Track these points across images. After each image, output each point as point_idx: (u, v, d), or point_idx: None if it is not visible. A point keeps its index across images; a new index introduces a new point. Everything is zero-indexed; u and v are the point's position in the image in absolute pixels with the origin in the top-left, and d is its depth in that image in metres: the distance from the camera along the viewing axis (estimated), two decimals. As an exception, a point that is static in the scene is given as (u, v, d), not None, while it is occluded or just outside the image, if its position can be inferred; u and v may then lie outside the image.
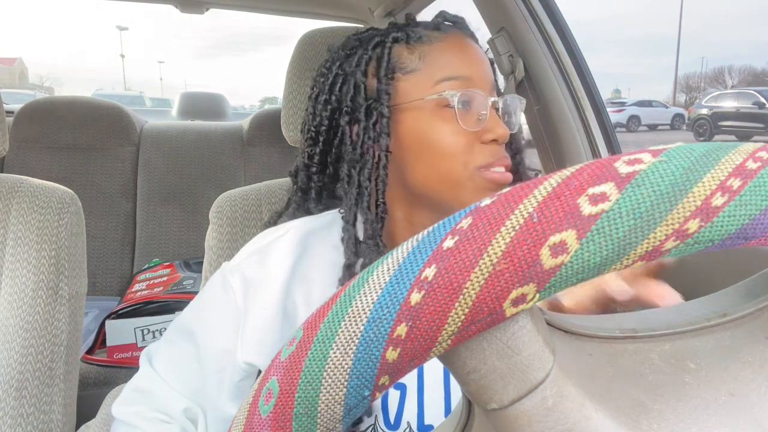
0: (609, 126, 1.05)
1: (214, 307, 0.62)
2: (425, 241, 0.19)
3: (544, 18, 1.02)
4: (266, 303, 0.59)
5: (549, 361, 0.20)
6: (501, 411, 0.20)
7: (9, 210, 0.77)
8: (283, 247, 0.61)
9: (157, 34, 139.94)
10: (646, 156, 0.19)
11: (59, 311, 0.77)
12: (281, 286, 0.58)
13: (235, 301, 0.60)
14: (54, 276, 0.77)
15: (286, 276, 0.59)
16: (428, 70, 0.59)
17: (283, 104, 0.79)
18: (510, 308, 0.19)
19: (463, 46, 0.61)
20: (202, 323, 0.62)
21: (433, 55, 0.59)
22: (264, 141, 1.77)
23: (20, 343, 0.74)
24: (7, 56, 48.40)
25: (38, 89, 28.13)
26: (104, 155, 1.71)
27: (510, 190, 0.19)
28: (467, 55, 0.60)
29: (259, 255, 0.61)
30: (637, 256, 0.18)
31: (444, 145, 0.57)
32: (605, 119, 1.04)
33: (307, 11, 1.76)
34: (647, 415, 0.20)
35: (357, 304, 0.19)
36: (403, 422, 0.57)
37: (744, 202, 0.18)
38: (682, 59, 36.11)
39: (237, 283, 0.60)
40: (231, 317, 0.60)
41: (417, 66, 0.59)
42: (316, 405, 0.19)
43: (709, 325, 0.24)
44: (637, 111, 18.03)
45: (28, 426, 0.73)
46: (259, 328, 0.58)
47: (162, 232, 1.70)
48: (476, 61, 0.60)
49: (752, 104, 13.26)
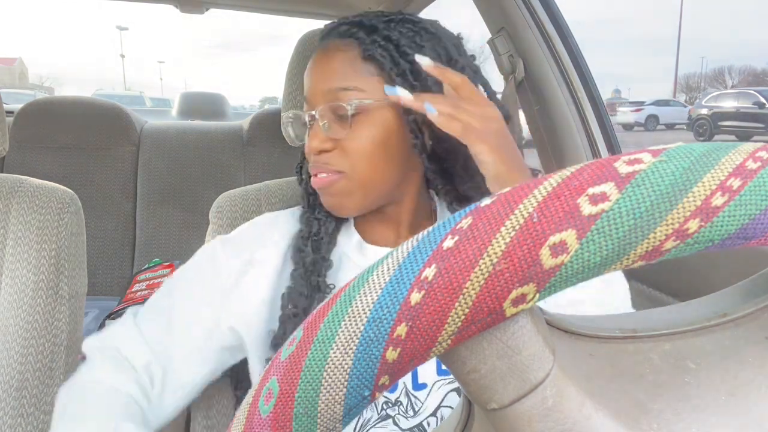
0: (609, 126, 1.05)
1: (199, 275, 0.66)
2: (425, 241, 0.19)
3: (544, 18, 1.02)
4: (259, 280, 0.64)
5: (549, 361, 0.20)
6: (501, 411, 0.20)
7: (9, 210, 0.77)
8: (280, 227, 0.67)
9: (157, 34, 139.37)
10: (646, 156, 0.19)
11: (59, 311, 0.77)
12: (274, 268, 0.64)
13: (220, 272, 0.64)
14: (54, 276, 0.77)
15: (281, 257, 0.65)
16: None
17: (283, 104, 0.79)
18: (510, 308, 0.19)
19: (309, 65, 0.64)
20: (182, 287, 0.67)
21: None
22: (264, 141, 1.77)
23: (20, 343, 0.74)
24: (7, 56, 48.40)
25: (38, 89, 28.13)
26: (104, 155, 1.71)
27: (510, 190, 0.19)
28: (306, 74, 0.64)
29: (254, 232, 0.67)
30: (637, 256, 0.18)
31: None
32: (605, 119, 1.04)
33: (307, 11, 1.76)
34: (647, 415, 0.20)
35: (357, 304, 0.19)
36: (399, 382, 0.59)
37: (744, 202, 0.18)
38: (682, 59, 36.13)
39: (229, 256, 0.65)
40: (215, 288, 0.64)
41: None
42: (316, 405, 0.19)
43: (709, 325, 0.24)
44: (656, 110, 18.14)
45: (28, 426, 0.73)
46: (250, 302, 0.63)
47: (162, 232, 1.70)
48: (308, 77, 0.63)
49: (752, 104, 13.26)
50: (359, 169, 0.60)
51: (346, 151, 0.59)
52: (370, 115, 0.59)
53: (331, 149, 0.60)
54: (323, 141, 0.60)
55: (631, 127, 17.91)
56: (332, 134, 0.59)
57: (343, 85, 0.59)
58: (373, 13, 0.63)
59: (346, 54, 0.60)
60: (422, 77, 0.59)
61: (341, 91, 0.59)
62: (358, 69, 0.59)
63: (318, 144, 0.60)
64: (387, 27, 0.60)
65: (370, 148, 0.59)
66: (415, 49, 0.59)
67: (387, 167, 0.61)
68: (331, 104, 0.59)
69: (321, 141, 0.60)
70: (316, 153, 0.60)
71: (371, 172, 0.60)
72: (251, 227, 0.68)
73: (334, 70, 0.60)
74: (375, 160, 0.60)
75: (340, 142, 0.59)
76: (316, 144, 0.60)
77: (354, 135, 0.59)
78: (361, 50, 0.59)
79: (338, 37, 0.61)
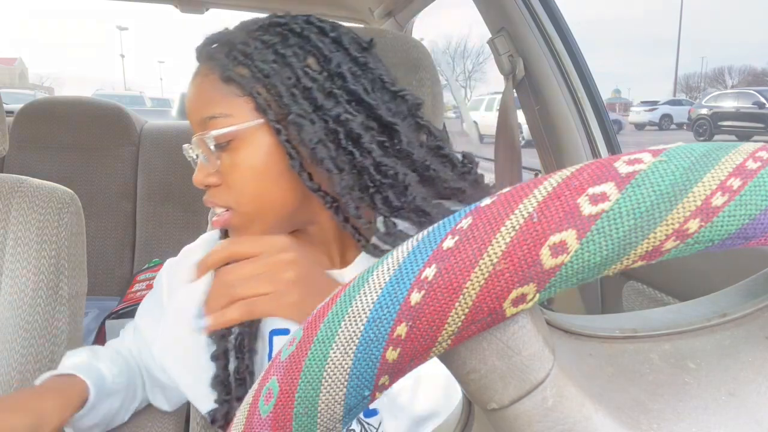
0: (609, 126, 1.05)
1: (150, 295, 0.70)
2: (425, 241, 0.19)
3: (544, 18, 1.02)
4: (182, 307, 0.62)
5: (549, 361, 0.20)
6: (501, 411, 0.20)
7: (9, 210, 0.77)
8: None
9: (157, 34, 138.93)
10: (646, 156, 0.19)
11: (59, 311, 0.77)
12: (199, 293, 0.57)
13: (161, 296, 0.67)
14: (54, 276, 0.77)
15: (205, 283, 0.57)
16: None
17: None
18: (510, 308, 0.19)
19: None
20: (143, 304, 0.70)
21: None
22: None
23: (20, 343, 0.74)
24: (7, 56, 48.40)
25: (38, 89, 28.12)
26: (104, 155, 1.71)
27: (510, 190, 0.19)
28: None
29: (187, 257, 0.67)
30: (637, 256, 0.18)
31: None
32: (605, 119, 1.04)
33: (307, 11, 1.75)
34: (647, 415, 0.20)
35: (357, 304, 0.19)
36: None
37: (744, 202, 0.18)
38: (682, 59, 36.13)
39: (165, 281, 0.67)
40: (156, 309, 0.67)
41: None
42: (316, 405, 0.19)
43: (709, 325, 0.24)
44: (669, 110, 18.24)
45: None
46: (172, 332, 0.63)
47: (162, 232, 1.70)
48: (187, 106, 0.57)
49: (752, 104, 13.25)
50: (244, 202, 0.55)
51: (229, 184, 0.55)
52: (245, 141, 0.54)
53: (216, 184, 0.55)
54: (206, 175, 0.55)
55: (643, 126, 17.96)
56: (210, 167, 0.55)
57: (209, 113, 0.54)
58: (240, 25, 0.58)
59: (207, 78, 0.55)
60: None
61: (210, 120, 0.54)
62: (221, 92, 0.54)
63: (201, 178, 0.55)
64: (245, 41, 0.55)
65: (250, 175, 0.54)
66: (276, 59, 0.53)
67: (276, 191, 0.55)
68: (200, 135, 0.54)
69: (204, 175, 0.55)
70: (203, 187, 0.56)
71: (258, 201, 0.55)
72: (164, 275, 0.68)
73: (200, 98, 0.56)
74: (260, 188, 0.54)
75: (222, 174, 0.55)
76: (199, 178, 0.55)
77: (232, 165, 0.54)
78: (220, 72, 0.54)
79: (203, 61, 0.57)
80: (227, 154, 0.54)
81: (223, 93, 0.54)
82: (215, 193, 0.56)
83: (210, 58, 0.56)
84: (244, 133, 0.53)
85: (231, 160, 0.54)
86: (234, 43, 0.55)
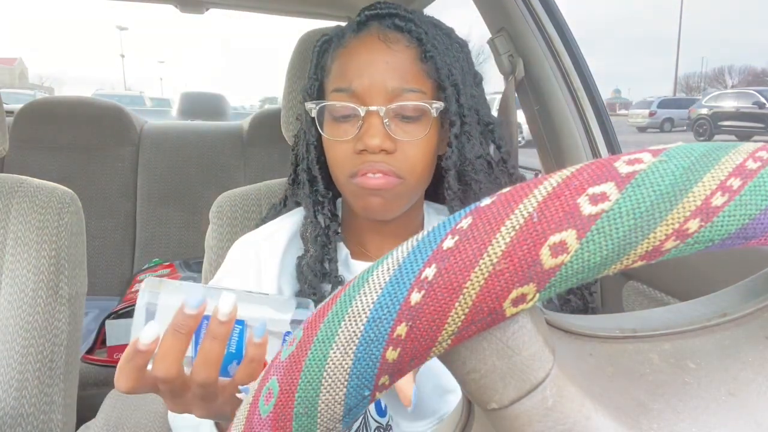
0: (609, 126, 1.05)
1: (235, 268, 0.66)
2: (425, 241, 0.19)
3: (544, 18, 1.02)
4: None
5: (549, 360, 0.20)
6: (501, 411, 0.20)
7: (9, 210, 0.77)
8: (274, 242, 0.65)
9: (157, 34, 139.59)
10: (646, 156, 0.19)
11: (59, 311, 0.77)
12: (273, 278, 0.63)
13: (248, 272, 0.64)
14: (54, 276, 0.77)
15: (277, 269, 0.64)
16: (329, 78, 0.62)
17: (283, 104, 0.79)
18: (510, 308, 0.19)
19: (359, 52, 0.59)
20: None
21: (336, 62, 0.61)
22: (264, 141, 1.77)
23: (20, 343, 0.74)
24: (7, 56, 48.38)
25: (38, 89, 28.12)
26: (104, 155, 1.71)
27: (510, 190, 0.19)
28: (358, 63, 0.58)
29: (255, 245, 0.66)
30: (637, 256, 0.18)
31: (328, 153, 0.61)
32: (605, 119, 1.04)
33: (307, 11, 1.75)
34: (647, 415, 0.20)
35: (357, 304, 0.19)
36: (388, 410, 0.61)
37: (744, 202, 0.18)
38: (682, 59, 36.12)
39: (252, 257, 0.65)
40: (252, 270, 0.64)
41: (329, 72, 0.62)
42: (316, 405, 0.19)
43: (709, 325, 0.24)
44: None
45: (28, 426, 0.73)
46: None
47: (162, 232, 1.70)
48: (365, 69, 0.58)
49: (752, 104, 13.25)
50: (416, 175, 0.58)
51: (407, 155, 0.57)
52: (426, 121, 0.58)
53: (392, 151, 0.57)
54: (385, 139, 0.56)
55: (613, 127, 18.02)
56: (396, 135, 0.57)
57: (408, 85, 0.57)
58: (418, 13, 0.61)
59: (409, 52, 0.58)
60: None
61: (408, 92, 0.57)
62: (419, 68, 0.58)
63: (380, 142, 0.56)
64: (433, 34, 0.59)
65: (427, 153, 0.59)
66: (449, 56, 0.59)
67: (432, 168, 0.61)
68: (400, 104, 0.56)
69: (383, 139, 0.56)
70: (376, 152, 0.57)
71: (426, 174, 0.60)
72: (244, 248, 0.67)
73: (400, 69, 0.57)
74: (428, 167, 0.60)
75: (400, 144, 0.57)
76: (377, 142, 0.56)
77: (415, 139, 0.57)
78: (420, 50, 0.58)
79: (397, 31, 0.59)
80: (413, 126, 0.58)
81: (420, 69, 0.58)
82: (391, 160, 0.57)
83: (408, 31, 0.58)
84: (429, 113, 0.58)
85: (417, 135, 0.58)
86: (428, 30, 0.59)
